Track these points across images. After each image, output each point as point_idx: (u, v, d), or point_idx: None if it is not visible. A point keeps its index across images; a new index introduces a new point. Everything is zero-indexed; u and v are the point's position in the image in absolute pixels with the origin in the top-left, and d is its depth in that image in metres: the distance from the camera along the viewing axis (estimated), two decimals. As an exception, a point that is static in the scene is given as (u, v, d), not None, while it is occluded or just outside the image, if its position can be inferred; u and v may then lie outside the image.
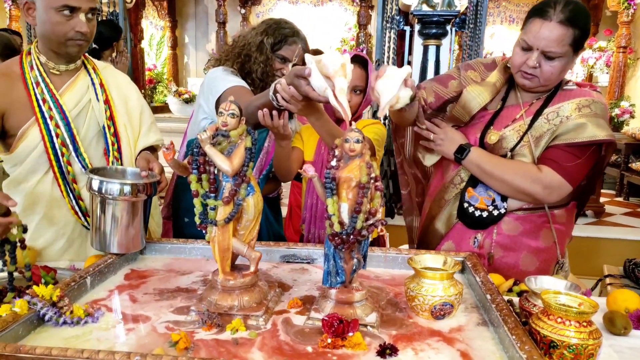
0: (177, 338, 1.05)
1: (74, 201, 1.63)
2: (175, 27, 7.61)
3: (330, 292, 1.21)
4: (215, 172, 1.19)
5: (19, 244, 1.32)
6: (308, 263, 1.58)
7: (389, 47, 4.34)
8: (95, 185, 1.44)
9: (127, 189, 1.45)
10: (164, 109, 6.56)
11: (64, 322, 1.13)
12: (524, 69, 1.58)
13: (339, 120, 1.87)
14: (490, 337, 1.12)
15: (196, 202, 1.19)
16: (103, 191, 1.44)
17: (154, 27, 7.69)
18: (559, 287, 1.19)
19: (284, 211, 3.25)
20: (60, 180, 1.61)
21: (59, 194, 1.63)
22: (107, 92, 1.72)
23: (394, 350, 1.04)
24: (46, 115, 1.59)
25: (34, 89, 1.59)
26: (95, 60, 1.77)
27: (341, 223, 1.16)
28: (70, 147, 1.62)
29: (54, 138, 1.59)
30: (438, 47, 4.27)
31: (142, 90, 6.32)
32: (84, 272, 1.32)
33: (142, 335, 1.11)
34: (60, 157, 1.61)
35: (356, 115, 1.90)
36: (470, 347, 1.08)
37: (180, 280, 1.43)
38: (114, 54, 3.87)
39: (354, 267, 1.20)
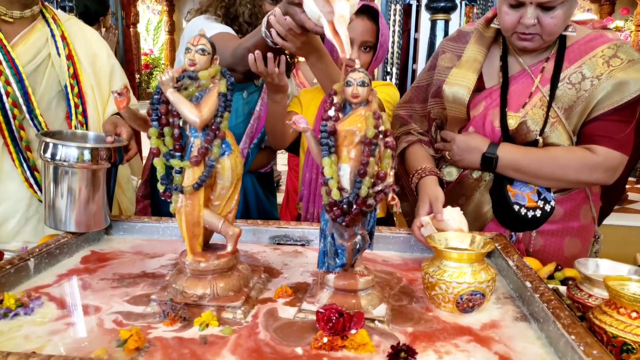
0: (127, 335, 0.80)
1: (28, 172, 1.38)
2: (172, 11, 7.35)
3: (327, 277, 0.96)
4: (181, 124, 0.93)
5: None
6: (302, 245, 1.32)
7: (394, 21, 4.05)
8: (47, 150, 1.19)
9: (86, 154, 1.20)
10: (161, 94, 6.31)
11: (-13, 315, 0.88)
12: (519, 29, 1.28)
13: None
14: (535, 337, 0.86)
15: (157, 162, 0.94)
16: (57, 157, 1.19)
17: (150, 12, 7.43)
18: (620, 271, 0.93)
19: (280, 198, 3.00)
20: (11, 148, 1.37)
21: (9, 164, 1.38)
22: (71, 46, 1.47)
23: (410, 353, 0.78)
24: None
25: None
26: (57, 10, 1.52)
27: (341, 189, 0.91)
28: (24, 108, 1.37)
29: (4, 97, 1.34)
30: (447, 22, 3.96)
31: (138, 76, 6.09)
32: (26, 254, 1.07)
33: (84, 331, 0.86)
34: (12, 120, 1.36)
35: None
36: (512, 350, 0.82)
37: (148, 264, 1.18)
38: (102, 30, 3.62)
39: (357, 247, 0.95)
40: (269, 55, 1.22)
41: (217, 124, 0.92)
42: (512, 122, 1.36)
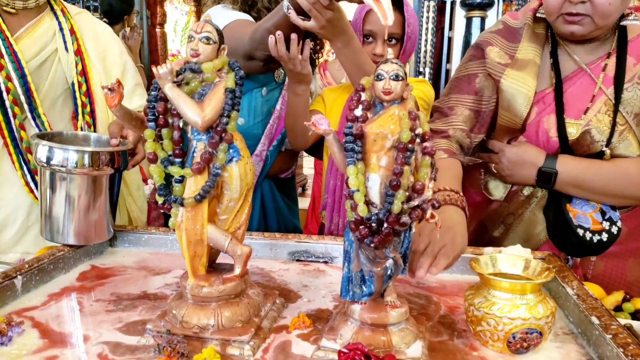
0: (111, 377, 0.67)
1: (28, 176, 1.27)
2: (200, 11, 7.30)
3: (351, 308, 0.81)
4: (182, 125, 0.80)
5: None
6: (325, 262, 1.17)
7: (427, 19, 3.87)
8: (42, 153, 1.08)
9: (86, 159, 1.08)
10: (188, 96, 6.26)
11: (-43, 345, 0.77)
12: (565, 9, 1.09)
13: None
14: (612, 391, 0.69)
15: (154, 170, 0.81)
16: (53, 162, 1.07)
17: (179, 12, 7.42)
18: None
19: (305, 203, 2.84)
20: (11, 149, 1.27)
21: (9, 166, 1.28)
22: (80, 41, 1.36)
23: (455, 415, 0.62)
24: None
25: None
26: (66, 3, 1.41)
27: (369, 204, 0.76)
28: (26, 107, 1.27)
29: (4, 94, 1.24)
30: (483, 20, 3.77)
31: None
32: (13, 270, 0.96)
33: (65, 369, 0.73)
34: (12, 119, 1.25)
35: None
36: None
37: (151, 283, 1.05)
38: (126, 29, 3.56)
39: (388, 273, 0.79)
40: (292, 36, 1.08)
41: (223, 125, 0.78)
42: (573, 131, 1.15)
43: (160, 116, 0.79)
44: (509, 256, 0.87)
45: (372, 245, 0.76)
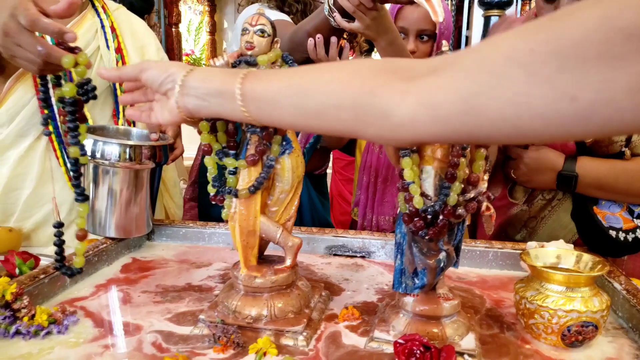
0: (172, 365, 0.68)
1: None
2: (214, 11, 7.33)
3: (404, 300, 0.81)
4: (236, 117, 0.81)
5: None
6: (363, 257, 1.18)
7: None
8: (87, 146, 1.09)
9: (129, 152, 1.09)
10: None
11: (17, 333, 0.78)
12: None
13: None
14: (675, 385, 0.69)
15: (209, 161, 0.81)
16: (97, 154, 1.09)
17: (192, 12, 7.44)
18: None
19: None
20: (55, 145, 1.28)
21: (54, 163, 1.29)
22: (120, 38, 1.37)
23: (521, 405, 0.62)
24: None
25: None
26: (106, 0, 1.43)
27: (424, 196, 0.76)
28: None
29: (50, 91, 1.25)
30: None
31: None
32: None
33: (122, 356, 0.74)
34: (57, 117, 1.27)
35: None
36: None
37: (194, 275, 1.06)
38: (145, 28, 3.59)
39: (441, 265, 0.79)
40: (332, 39, 1.08)
41: (277, 117, 0.78)
42: None
43: (215, 108, 0.79)
44: (560, 249, 0.87)
45: (426, 237, 0.76)
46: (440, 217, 0.75)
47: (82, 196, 0.85)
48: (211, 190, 0.84)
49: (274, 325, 0.80)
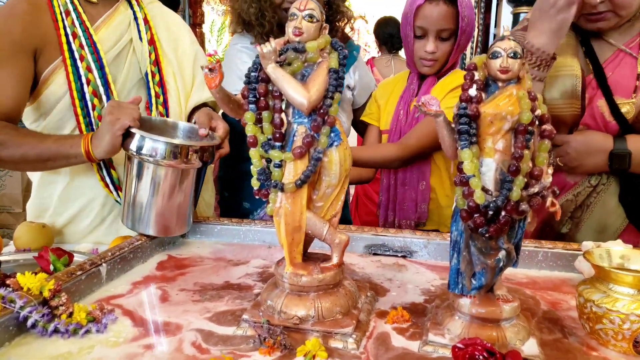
0: (219, 367, 0.65)
1: (104, 170, 1.26)
2: (236, 11, 7.34)
3: (460, 302, 0.76)
4: (283, 107, 0.77)
5: None
6: (404, 257, 1.13)
7: (475, 14, 3.77)
8: (133, 141, 1.06)
9: (175, 150, 1.05)
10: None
11: (55, 331, 0.75)
12: (586, 10, 1.09)
13: (423, 77, 1.39)
14: None
15: (254, 154, 0.78)
16: (143, 151, 1.05)
17: (215, 13, 7.47)
18: None
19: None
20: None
21: None
22: (153, 30, 1.35)
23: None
24: (76, 54, 1.22)
25: (62, 20, 1.23)
26: None
27: (484, 191, 0.71)
28: (104, 97, 1.25)
29: (84, 85, 1.23)
30: (531, 15, 3.67)
31: (202, 76, 6.10)
32: (98, 258, 0.95)
33: (164, 357, 0.71)
34: (91, 111, 1.24)
35: (447, 67, 1.37)
36: None
37: (232, 273, 1.02)
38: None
39: (501, 265, 0.74)
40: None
41: (326, 108, 0.75)
42: (628, 109, 1.11)
43: (261, 98, 0.76)
44: (626, 249, 0.81)
45: (486, 235, 0.71)
46: (502, 213, 0.70)
47: None
48: (255, 184, 0.80)
49: (321, 326, 0.75)
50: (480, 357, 0.65)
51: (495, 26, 3.88)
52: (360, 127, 1.57)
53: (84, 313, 0.77)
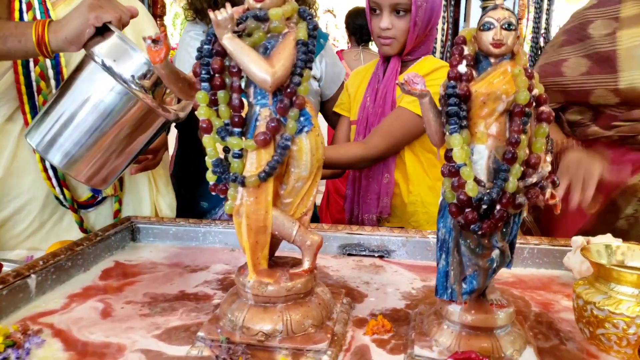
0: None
1: (47, 162, 1.10)
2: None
3: (449, 309, 0.67)
4: (243, 86, 0.65)
5: None
6: (381, 257, 1.03)
7: (444, 7, 3.73)
8: (105, 43, 0.83)
9: (158, 83, 0.85)
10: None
11: (-35, 360, 0.61)
12: None
13: (389, 60, 1.28)
14: None
15: (208, 142, 0.66)
16: (115, 63, 0.82)
17: (177, 5, 7.23)
18: None
19: (318, 199, 2.70)
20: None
21: (27, 152, 1.11)
22: None
23: None
24: None
25: None
26: None
27: (477, 182, 0.62)
28: (52, 82, 1.09)
29: (31, 65, 1.07)
30: (498, 10, 3.65)
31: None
32: (25, 268, 0.81)
33: (104, 388, 0.59)
34: (36, 95, 1.08)
35: (407, 50, 1.24)
36: None
37: (188, 281, 0.90)
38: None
39: (494, 265, 0.65)
40: None
41: (294, 86, 0.64)
42: None
43: (216, 75, 0.64)
44: (627, 245, 0.74)
45: (480, 232, 0.62)
46: (497, 207, 0.61)
47: None
48: (211, 178, 0.68)
49: (291, 342, 0.65)
50: (477, 374, 0.56)
51: (464, 20, 3.85)
52: (333, 120, 1.46)
53: (1, 337, 0.63)
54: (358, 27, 3.07)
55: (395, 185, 1.26)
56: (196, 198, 1.41)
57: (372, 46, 3.19)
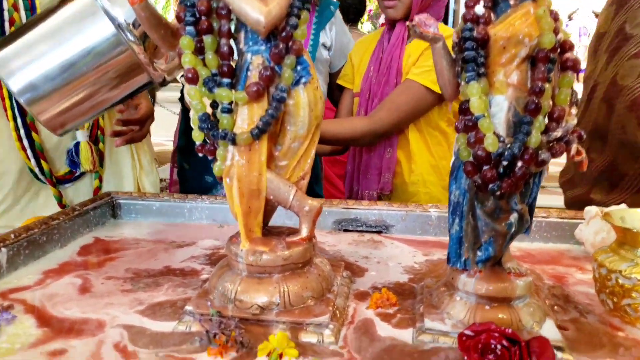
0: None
1: (22, 129, 1.02)
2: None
3: (462, 279, 0.61)
4: (232, 29, 0.58)
5: None
6: (379, 232, 0.97)
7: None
8: None
9: (139, 29, 0.76)
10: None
11: None
12: None
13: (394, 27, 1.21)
14: None
15: (194, 94, 0.59)
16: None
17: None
18: None
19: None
20: (4, 93, 1.01)
21: (1, 122, 1.02)
22: None
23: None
24: None
25: None
26: None
27: (496, 136, 0.55)
28: (23, 13, 1.01)
29: (6, 24, 0.98)
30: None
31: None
32: (-5, 241, 0.73)
33: (78, 368, 0.52)
34: (7, 27, 1.00)
35: (413, 13, 1.14)
36: None
37: (174, 257, 0.83)
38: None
39: (512, 229, 0.59)
40: None
41: (290, 29, 0.57)
42: None
43: (203, 18, 0.57)
44: (649, 209, 0.68)
45: (499, 192, 0.56)
46: (519, 164, 0.55)
47: None
48: (197, 138, 0.61)
49: (289, 316, 0.58)
50: (499, 346, 0.50)
51: (455, 2, 3.79)
52: (337, 95, 1.39)
53: (-37, 313, 0.56)
54: (346, 6, 2.98)
55: (397, 164, 1.20)
56: (200, 173, 1.34)
57: (364, 27, 3.11)
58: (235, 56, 0.59)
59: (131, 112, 1.05)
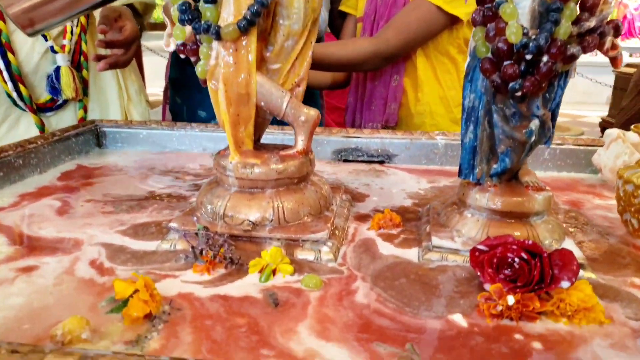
0: (126, 290, 0.41)
1: (5, 73, 0.94)
2: None
3: (474, 194, 0.55)
4: None
5: None
6: (382, 162, 0.91)
7: None
8: None
9: None
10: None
11: None
12: None
13: None
14: None
15: (172, -20, 0.51)
16: None
17: None
18: None
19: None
20: None
21: None
22: None
23: None
24: None
25: None
26: None
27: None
28: None
29: None
30: None
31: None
32: (-37, 159, 0.67)
33: (49, 284, 0.47)
34: None
35: None
36: None
37: (159, 182, 0.78)
38: None
39: (532, 138, 0.53)
40: None
41: None
42: None
43: None
44: (684, 122, 0.62)
45: (520, 92, 0.49)
46: (545, 58, 0.48)
47: None
48: (179, 37, 0.54)
49: (284, 232, 0.53)
50: (517, 259, 0.45)
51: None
52: (338, 23, 1.29)
53: None
54: None
55: (403, 94, 1.12)
56: (193, 107, 1.26)
57: None
58: (220, -64, 0.51)
59: (115, 34, 0.96)
